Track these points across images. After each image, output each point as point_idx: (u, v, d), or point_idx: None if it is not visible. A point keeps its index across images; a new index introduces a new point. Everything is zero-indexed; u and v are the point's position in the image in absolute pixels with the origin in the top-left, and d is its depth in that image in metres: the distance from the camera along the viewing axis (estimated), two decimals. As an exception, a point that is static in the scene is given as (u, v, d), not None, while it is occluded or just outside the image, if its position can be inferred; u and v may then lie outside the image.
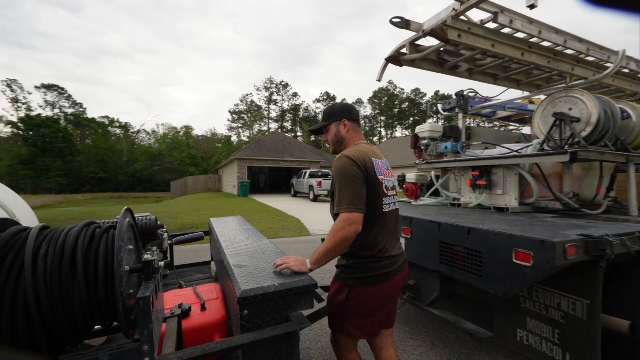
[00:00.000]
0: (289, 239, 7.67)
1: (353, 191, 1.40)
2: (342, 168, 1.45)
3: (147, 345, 1.00)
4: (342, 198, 1.40)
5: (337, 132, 1.66)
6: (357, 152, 1.51)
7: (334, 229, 1.40)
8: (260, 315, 1.26)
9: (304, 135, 67.75)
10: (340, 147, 1.68)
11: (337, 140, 1.68)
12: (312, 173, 18.39)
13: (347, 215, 1.37)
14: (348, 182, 1.41)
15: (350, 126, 1.66)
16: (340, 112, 1.66)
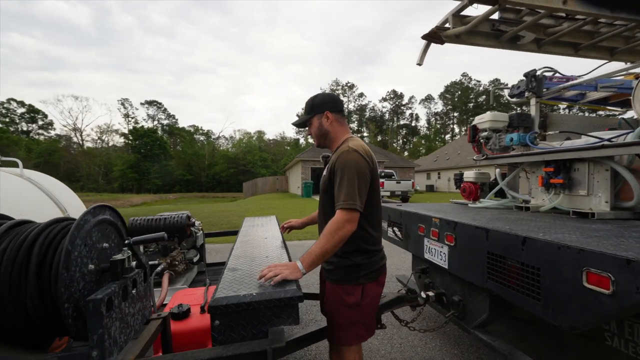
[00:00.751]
0: (343, 240, 7.47)
1: (359, 188, 1.35)
2: (353, 162, 1.38)
3: (96, 350, 0.93)
4: (349, 194, 1.34)
5: (319, 125, 1.57)
6: (363, 147, 1.47)
7: (332, 227, 1.32)
8: (235, 328, 1.12)
9: (370, 136, 66.74)
10: (324, 141, 1.60)
11: (321, 133, 1.58)
12: (374, 173, 17.89)
13: (348, 213, 1.32)
14: (356, 178, 1.36)
15: (333, 118, 1.57)
16: (322, 103, 1.57)
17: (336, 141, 1.58)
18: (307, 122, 1.61)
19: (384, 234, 3.40)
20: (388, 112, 70.34)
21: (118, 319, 1.05)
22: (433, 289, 2.52)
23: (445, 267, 2.23)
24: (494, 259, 1.80)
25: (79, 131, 54.96)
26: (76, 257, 0.95)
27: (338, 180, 1.39)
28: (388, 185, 15.92)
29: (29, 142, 46.96)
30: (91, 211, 1.06)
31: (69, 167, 45.00)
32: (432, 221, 2.41)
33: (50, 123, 54.86)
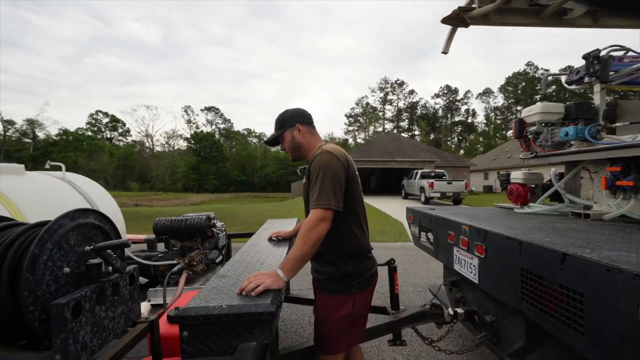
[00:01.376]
0: (383, 243, 7.20)
1: (332, 187, 1.35)
2: (325, 163, 1.39)
3: (59, 354, 0.93)
4: (321, 193, 1.33)
5: (292, 138, 1.59)
6: (337, 148, 1.47)
7: (306, 227, 1.31)
8: (204, 340, 1.06)
9: (421, 134, 63.90)
10: (299, 153, 1.61)
11: (294, 146, 1.59)
12: (423, 173, 17.00)
13: (322, 212, 1.31)
14: (330, 178, 1.35)
15: (305, 130, 1.59)
16: (291, 118, 1.60)
17: (310, 151, 1.57)
18: (280, 138, 1.62)
19: (415, 240, 3.14)
20: (441, 109, 66.57)
21: (90, 323, 1.05)
22: (464, 305, 2.24)
23: (476, 281, 1.95)
24: (529, 277, 1.51)
25: (150, 137, 61.43)
26: (45, 260, 0.97)
27: (312, 182, 1.38)
28: (438, 186, 14.98)
29: (111, 147, 53.73)
30: (69, 215, 1.08)
31: (142, 168, 50.52)
32: (462, 228, 2.13)
33: (127, 130, 62.23)
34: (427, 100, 68.89)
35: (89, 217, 1.18)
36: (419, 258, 5.62)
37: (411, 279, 4.52)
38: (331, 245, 1.46)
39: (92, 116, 59.94)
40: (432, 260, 5.23)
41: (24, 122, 50.58)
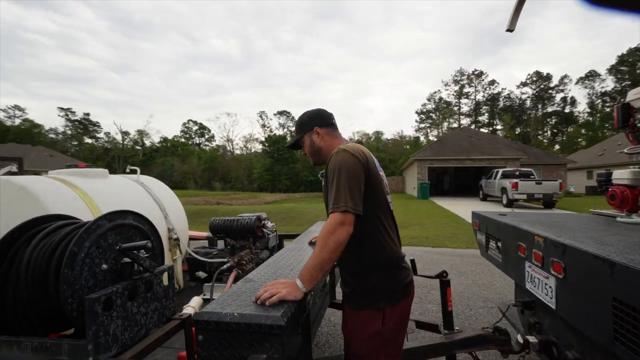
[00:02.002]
0: (453, 249, 6.58)
1: (351, 188, 1.22)
2: (341, 162, 1.26)
3: (91, 344, 1.02)
4: (338, 195, 1.21)
5: (311, 142, 1.50)
6: (354, 146, 1.36)
7: (324, 233, 1.20)
8: (217, 347, 1.04)
9: (505, 129, 57.18)
10: (319, 157, 1.51)
11: (314, 151, 1.51)
12: (505, 172, 15.15)
13: (340, 215, 1.18)
14: (347, 178, 1.23)
15: (324, 132, 1.49)
16: (309, 121, 1.51)
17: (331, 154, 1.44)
18: (300, 142, 1.54)
19: (482, 250, 2.77)
20: (530, 99, 58.47)
21: (121, 317, 1.13)
22: (539, 332, 1.85)
23: (552, 306, 1.60)
24: (626, 311, 1.15)
25: (231, 141, 67.63)
26: (83, 257, 1.07)
27: (329, 184, 1.26)
28: (523, 187, 13.12)
29: (199, 152, 60.80)
30: (107, 216, 1.18)
31: (224, 170, 55.92)
32: (534, 240, 1.78)
33: (212, 136, 69.68)
34: (511, 91, 60.99)
35: (127, 218, 1.27)
36: (494, 268, 4.95)
37: (482, 292, 4.00)
38: (353, 254, 1.32)
39: (184, 125, 68.77)
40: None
41: (136, 132, 60.96)
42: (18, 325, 1.11)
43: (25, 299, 1.08)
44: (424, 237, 7.65)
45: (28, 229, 1.19)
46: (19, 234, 1.17)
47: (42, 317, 1.10)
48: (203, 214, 14.76)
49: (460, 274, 4.77)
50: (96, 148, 59.10)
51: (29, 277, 1.07)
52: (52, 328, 1.14)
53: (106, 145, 61.08)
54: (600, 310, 1.25)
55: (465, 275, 4.70)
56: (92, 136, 63.18)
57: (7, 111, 58.28)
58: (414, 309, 3.56)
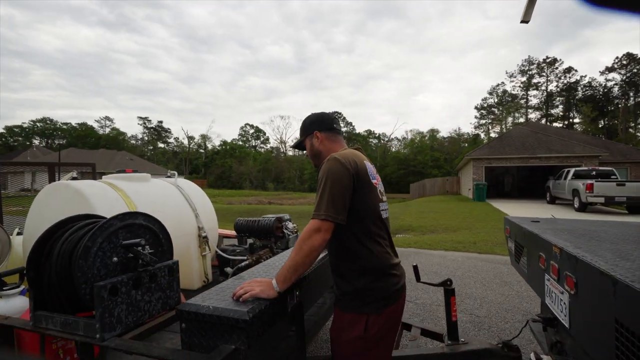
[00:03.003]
0: (503, 257, 6.05)
1: (333, 197, 1.26)
2: (329, 170, 1.31)
3: (98, 323, 1.22)
4: (320, 203, 1.27)
5: (311, 146, 1.57)
6: (346, 154, 1.38)
7: (301, 237, 1.27)
8: (197, 335, 1.17)
9: (584, 122, 50.29)
10: (318, 161, 1.54)
11: (314, 154, 1.57)
12: (578, 172, 13.40)
13: (318, 222, 1.24)
14: (330, 186, 1.27)
15: (323, 137, 1.54)
16: (310, 125, 1.56)
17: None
18: (303, 144, 1.61)
19: (512, 259, 2.57)
20: (617, 87, 50.48)
21: (125, 302, 1.32)
22: (559, 353, 1.68)
23: (566, 324, 1.46)
24: (628, 337, 1.02)
25: (284, 143, 70.21)
26: (96, 251, 1.29)
27: (317, 191, 1.32)
28: (600, 189, 11.43)
29: (255, 153, 64.25)
30: (119, 217, 1.39)
31: (277, 171, 58.27)
32: (552, 251, 1.62)
33: (267, 138, 73.09)
34: (593, 78, 53.25)
35: (138, 218, 1.48)
36: (546, 280, 4.47)
37: (525, 305, 3.65)
38: (342, 259, 1.38)
39: (242, 128, 73.20)
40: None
41: (200, 137, 66.75)
42: (52, 304, 1.37)
43: (56, 284, 1.33)
44: (471, 242, 7.16)
45: (62, 226, 1.46)
46: (55, 230, 1.44)
47: (67, 299, 1.34)
48: (253, 213, 15.64)
49: (504, 283, 4.39)
50: (167, 152, 65.99)
51: (57, 266, 1.32)
52: (78, 309, 1.38)
53: (175, 149, 67.85)
54: (603, 333, 1.12)
55: (509, 285, 4.32)
56: (164, 141, 70.75)
57: (100, 122, 68.30)
58: (425, 316, 3.40)
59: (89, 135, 60.70)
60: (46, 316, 1.35)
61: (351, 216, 1.29)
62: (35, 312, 1.37)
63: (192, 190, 3.09)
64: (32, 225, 2.37)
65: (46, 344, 1.54)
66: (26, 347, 1.53)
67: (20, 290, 1.81)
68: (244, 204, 22.83)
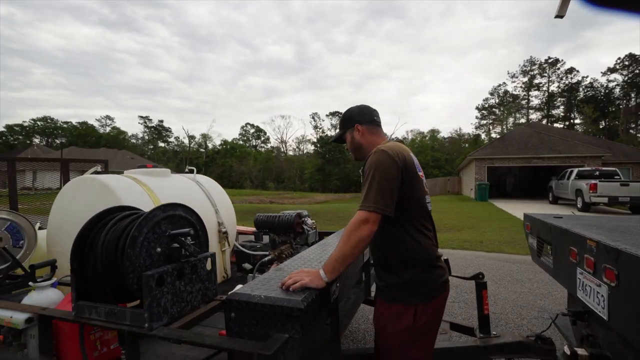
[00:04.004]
0: (511, 255, 6.07)
1: (381, 189, 1.26)
2: (377, 162, 1.31)
3: (146, 313, 1.23)
4: (368, 195, 1.27)
5: (352, 139, 1.57)
6: (394, 146, 1.38)
7: (349, 228, 1.28)
8: (247, 324, 1.18)
9: (585, 122, 50.35)
10: (360, 154, 1.56)
11: (354, 147, 1.57)
12: (581, 172, 13.44)
13: (366, 214, 1.25)
14: (379, 179, 1.28)
15: (364, 130, 1.54)
16: (350, 118, 1.57)
17: (371, 151, 1.47)
18: (343, 138, 1.61)
19: (533, 255, 2.58)
20: (619, 87, 50.53)
21: (170, 293, 1.33)
22: (592, 346, 1.69)
23: (604, 317, 1.47)
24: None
25: (284, 143, 70.21)
26: (142, 241, 1.29)
27: (363, 183, 1.32)
28: (604, 189, 11.47)
29: (256, 153, 64.23)
30: (161, 207, 1.40)
31: (277, 171, 58.26)
32: (586, 244, 1.63)
33: (267, 138, 73.04)
34: (594, 79, 53.29)
35: (178, 210, 1.48)
36: (558, 278, 4.49)
37: (539, 301, 3.66)
38: (389, 251, 1.39)
39: (242, 128, 73.18)
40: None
41: (200, 136, 66.74)
42: (96, 294, 1.37)
43: (100, 273, 1.33)
44: (477, 241, 7.18)
45: (103, 217, 1.46)
46: (96, 221, 1.44)
47: (112, 289, 1.35)
48: (255, 212, 15.67)
49: (516, 281, 4.40)
50: (167, 151, 65.96)
51: (102, 256, 1.32)
52: (120, 299, 1.38)
53: (175, 149, 67.83)
54: (654, 323, 1.13)
55: (521, 282, 4.33)
56: (165, 140, 70.71)
57: (100, 121, 68.21)
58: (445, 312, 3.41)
59: (90, 134, 60.66)
60: (89, 306, 1.35)
61: (399, 208, 1.29)
62: (77, 302, 1.37)
63: (211, 186, 3.10)
64: (57, 219, 2.38)
65: (84, 335, 1.55)
66: (64, 338, 1.54)
67: (52, 282, 1.81)
68: (245, 202, 22.81)
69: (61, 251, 2.26)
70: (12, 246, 2.24)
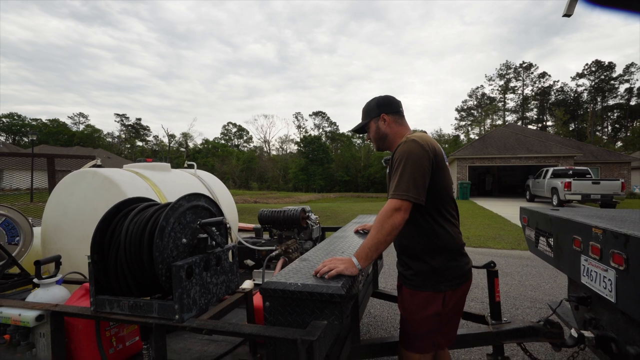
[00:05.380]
0: (498, 250, 6.30)
1: (414, 178, 1.28)
2: (409, 152, 1.32)
3: (177, 304, 1.19)
4: (400, 183, 1.29)
5: (377, 129, 1.56)
6: (424, 137, 1.41)
7: (381, 216, 1.29)
8: (282, 312, 1.17)
9: (556, 125, 52.85)
10: (384, 144, 1.58)
11: (379, 137, 1.57)
12: (556, 171, 14.10)
13: (398, 202, 1.27)
14: (411, 168, 1.29)
15: (390, 119, 1.54)
16: (377, 107, 1.55)
17: (396, 141, 1.52)
18: (365, 127, 1.61)
19: (531, 246, 2.69)
20: (587, 92, 53.44)
21: (198, 284, 1.30)
22: (596, 328, 1.79)
23: (612, 300, 1.55)
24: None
25: (268, 142, 69.59)
26: (169, 231, 1.26)
27: (394, 171, 1.33)
28: (577, 187, 12.12)
29: (238, 152, 63.29)
30: (186, 197, 1.36)
31: (261, 171, 57.69)
32: (592, 232, 1.72)
33: (250, 138, 72.20)
34: (564, 83, 56.20)
35: (200, 200, 1.45)
36: (542, 270, 4.71)
37: (530, 292, 3.82)
38: (418, 239, 1.41)
39: (224, 127, 72.06)
40: (560, 272, 4.31)
41: (181, 135, 65.10)
42: (118, 287, 1.32)
43: (124, 264, 1.28)
44: (464, 237, 7.33)
45: (123, 207, 1.41)
46: (116, 211, 1.39)
47: (136, 281, 1.30)
48: (242, 211, 15.40)
49: (506, 274, 4.58)
50: (146, 150, 63.87)
51: (127, 245, 1.28)
52: (143, 291, 1.34)
53: (154, 148, 65.79)
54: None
55: (510, 275, 4.51)
56: (143, 139, 68.51)
57: (73, 118, 65.19)
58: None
59: (62, 132, 57.86)
60: (110, 300, 1.30)
61: (428, 197, 1.32)
62: (97, 296, 1.32)
63: (212, 181, 3.04)
64: (54, 215, 2.27)
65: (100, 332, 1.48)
66: (78, 335, 1.47)
67: (58, 279, 1.73)
68: (229, 202, 22.43)
69: (60, 248, 2.17)
70: (7, 243, 2.12)
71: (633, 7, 0.55)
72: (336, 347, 1.56)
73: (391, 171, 1.41)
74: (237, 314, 1.87)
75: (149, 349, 1.36)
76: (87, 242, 1.34)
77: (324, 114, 70.82)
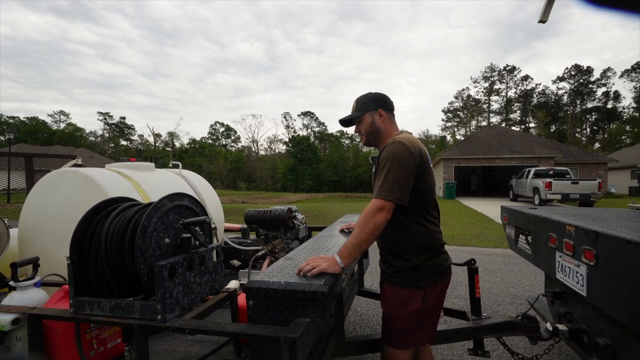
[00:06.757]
0: (481, 248, 6.46)
1: (398, 179, 1.31)
2: (395, 153, 1.35)
3: (159, 304, 1.19)
4: (384, 184, 1.31)
5: (372, 122, 1.56)
6: (410, 138, 1.43)
7: (364, 215, 1.32)
8: (266, 311, 1.18)
9: (538, 126, 54.41)
10: (374, 139, 1.58)
11: (372, 131, 1.56)
12: (538, 171, 14.52)
13: (381, 202, 1.30)
14: (396, 169, 1.32)
15: (386, 116, 1.56)
16: (375, 101, 1.56)
17: (386, 139, 1.53)
18: (358, 119, 1.59)
19: (511, 244, 2.77)
20: (567, 95, 55.24)
21: (181, 284, 1.29)
22: (570, 321, 1.86)
23: (583, 294, 1.62)
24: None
25: (256, 142, 69.10)
26: (151, 231, 1.25)
27: (379, 171, 1.36)
28: (558, 187, 12.53)
29: (226, 152, 62.60)
30: (169, 197, 1.35)
31: (249, 171, 57.23)
32: (566, 229, 1.80)
33: (238, 137, 71.50)
34: (546, 86, 57.90)
35: (184, 200, 1.45)
36: (524, 267, 4.85)
37: (511, 289, 3.94)
38: (401, 238, 1.44)
39: (212, 127, 71.12)
40: (538, 269, 4.46)
41: (167, 134, 63.92)
42: (98, 288, 1.30)
43: (105, 265, 1.27)
44: (449, 236, 7.54)
45: (104, 207, 1.39)
46: (97, 211, 1.37)
47: (117, 282, 1.28)
48: (229, 212, 15.26)
49: (488, 271, 4.70)
50: (130, 149, 62.47)
51: (107, 245, 1.26)
52: (125, 292, 1.32)
53: (139, 147, 64.42)
54: (632, 294, 1.27)
55: (493, 273, 4.63)
56: (127, 138, 66.94)
57: (53, 116, 63.09)
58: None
59: (41, 130, 55.97)
60: (90, 302, 1.28)
61: (412, 198, 1.35)
62: (76, 297, 1.30)
63: (197, 181, 3.02)
64: (32, 216, 2.21)
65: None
66: (57, 338, 1.44)
67: (36, 281, 1.68)
68: (217, 203, 22.16)
69: (39, 249, 2.11)
70: (-18, 245, 2.05)
71: (633, 7, 0.55)
72: (320, 344, 1.58)
73: (377, 170, 1.44)
74: (222, 315, 1.87)
75: (131, 350, 1.34)
76: (67, 243, 1.32)
77: (312, 114, 70.90)
